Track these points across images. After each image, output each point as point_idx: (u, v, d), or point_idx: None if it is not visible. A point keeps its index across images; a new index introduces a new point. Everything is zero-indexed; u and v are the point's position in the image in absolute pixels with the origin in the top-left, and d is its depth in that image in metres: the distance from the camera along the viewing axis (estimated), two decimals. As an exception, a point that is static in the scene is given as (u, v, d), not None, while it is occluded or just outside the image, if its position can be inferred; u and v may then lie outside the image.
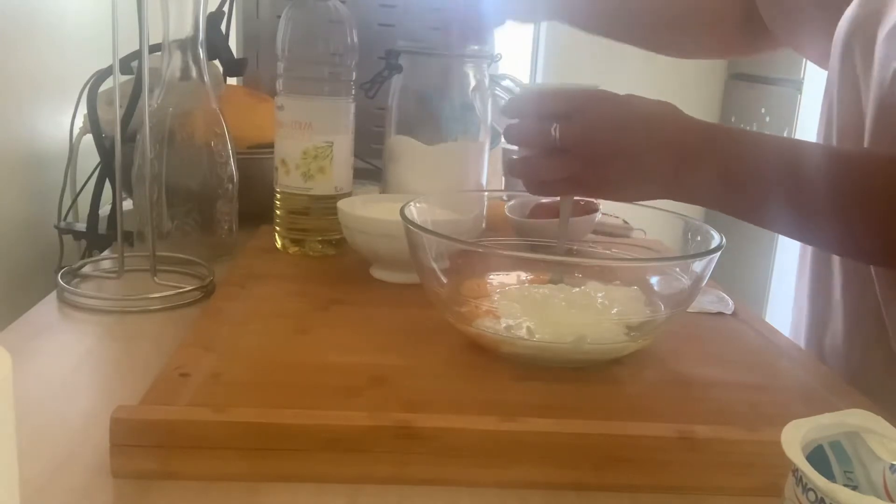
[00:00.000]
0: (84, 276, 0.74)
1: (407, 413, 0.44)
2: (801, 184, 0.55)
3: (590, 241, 0.81)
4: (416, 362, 0.54)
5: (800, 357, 0.63)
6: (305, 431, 0.42)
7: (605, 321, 0.57)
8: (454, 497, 0.42)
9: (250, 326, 0.59)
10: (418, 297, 0.60)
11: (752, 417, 0.50)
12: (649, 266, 0.67)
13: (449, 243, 0.57)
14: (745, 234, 2.45)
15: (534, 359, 0.55)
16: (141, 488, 0.41)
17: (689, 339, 0.63)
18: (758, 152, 0.57)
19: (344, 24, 0.76)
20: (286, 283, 0.71)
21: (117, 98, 0.68)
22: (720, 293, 0.73)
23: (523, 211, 0.83)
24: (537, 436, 0.43)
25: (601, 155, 0.58)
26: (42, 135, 1.02)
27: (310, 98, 0.76)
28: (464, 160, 0.85)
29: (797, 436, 0.32)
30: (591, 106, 0.59)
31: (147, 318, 0.65)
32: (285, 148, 0.77)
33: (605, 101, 0.60)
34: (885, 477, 0.33)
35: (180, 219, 0.78)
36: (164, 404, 0.45)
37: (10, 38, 0.94)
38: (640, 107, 0.59)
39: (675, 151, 0.57)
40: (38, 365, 0.55)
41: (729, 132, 0.59)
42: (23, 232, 0.96)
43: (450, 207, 0.71)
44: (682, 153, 0.57)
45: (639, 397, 0.53)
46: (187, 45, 0.76)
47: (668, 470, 0.44)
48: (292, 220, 0.79)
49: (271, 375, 0.51)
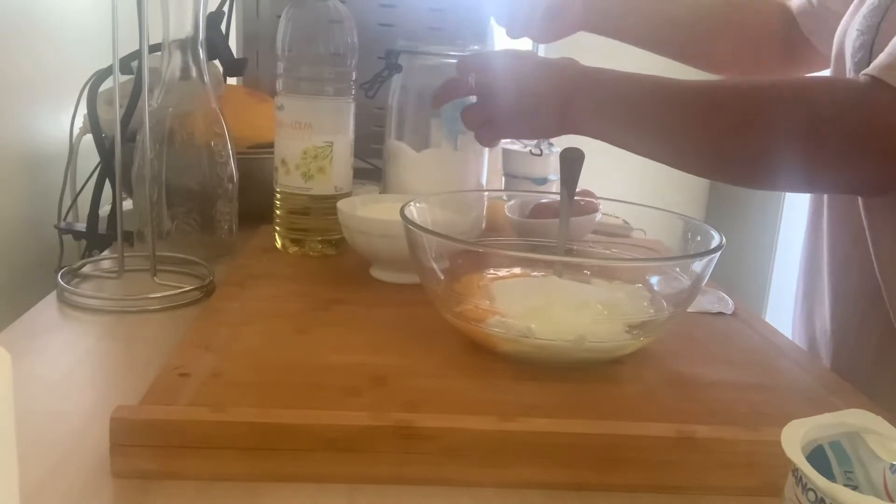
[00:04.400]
0: (84, 276, 0.74)
1: (407, 413, 0.44)
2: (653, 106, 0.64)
3: (590, 241, 0.81)
4: (416, 362, 0.54)
5: (800, 357, 0.63)
6: (305, 431, 0.42)
7: (606, 320, 0.57)
8: (454, 497, 0.42)
9: (250, 326, 0.59)
10: (418, 297, 0.60)
11: (752, 417, 0.50)
12: (649, 266, 0.67)
13: (449, 243, 0.57)
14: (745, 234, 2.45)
15: (534, 358, 0.55)
16: (141, 488, 0.41)
17: (689, 339, 0.63)
18: (619, 82, 0.67)
19: (344, 24, 0.76)
20: (286, 283, 0.71)
21: (117, 98, 0.68)
22: (720, 293, 0.73)
23: (523, 211, 0.83)
24: (537, 436, 0.43)
25: (507, 100, 0.70)
26: (42, 135, 1.02)
27: (310, 98, 0.76)
28: (463, 164, 0.85)
29: (797, 436, 0.32)
30: (500, 62, 0.72)
31: (147, 318, 0.65)
32: (285, 148, 0.77)
33: (511, 56, 0.73)
34: (885, 477, 0.33)
35: (180, 219, 0.78)
36: (164, 404, 0.45)
37: (10, 38, 0.94)
38: (540, 59, 0.72)
39: (562, 92, 0.68)
40: (38, 365, 0.55)
41: (600, 70, 0.68)
42: (23, 232, 0.96)
43: (450, 207, 0.71)
44: (567, 92, 0.68)
45: (639, 397, 0.53)
46: (187, 45, 0.76)
47: (668, 470, 0.44)
48: (292, 220, 0.79)
49: (271, 375, 0.51)
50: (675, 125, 0.63)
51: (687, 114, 0.62)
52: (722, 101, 0.61)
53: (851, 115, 0.54)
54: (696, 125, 0.62)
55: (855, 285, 0.69)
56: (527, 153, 1.01)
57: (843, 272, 0.71)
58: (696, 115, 0.62)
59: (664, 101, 0.64)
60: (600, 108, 0.67)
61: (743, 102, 0.59)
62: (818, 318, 0.74)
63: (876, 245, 0.64)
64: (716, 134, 0.60)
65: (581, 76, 0.68)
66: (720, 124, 0.60)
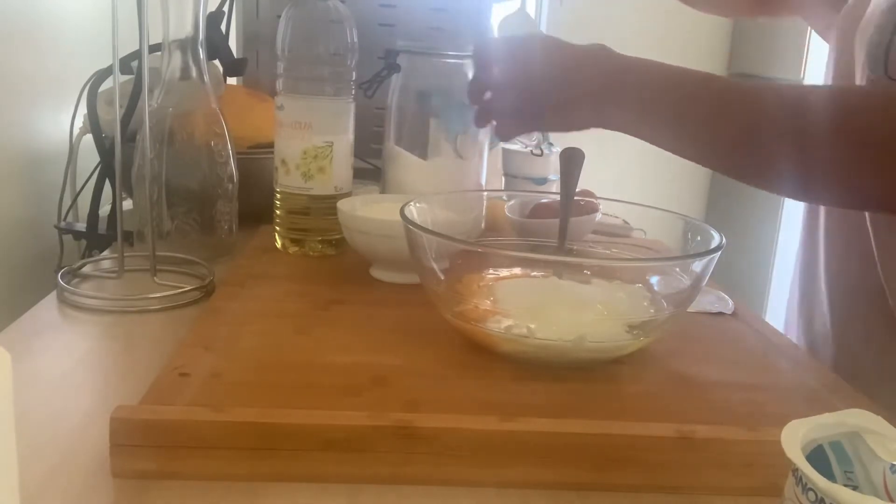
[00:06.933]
0: (84, 276, 0.74)
1: (407, 413, 0.44)
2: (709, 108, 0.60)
3: (590, 241, 0.81)
4: (416, 362, 0.54)
5: (800, 357, 0.63)
6: (305, 431, 0.42)
7: (606, 320, 0.57)
8: (454, 497, 0.42)
9: (250, 326, 0.59)
10: (418, 297, 0.60)
11: (752, 417, 0.50)
12: (650, 266, 0.67)
13: (449, 243, 0.57)
14: (745, 233, 2.46)
15: (534, 358, 0.55)
16: (141, 488, 0.41)
17: (689, 339, 0.63)
18: (666, 80, 0.63)
19: (344, 24, 0.76)
20: (286, 283, 0.71)
21: (117, 98, 0.68)
22: (720, 293, 0.73)
23: (523, 211, 0.83)
24: (537, 436, 0.43)
25: (537, 90, 0.66)
26: (42, 135, 1.02)
27: (310, 98, 0.76)
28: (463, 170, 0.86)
29: (797, 436, 0.32)
30: (528, 50, 0.67)
31: (147, 318, 0.65)
32: (285, 148, 0.77)
33: (540, 44, 0.68)
34: (885, 477, 0.33)
35: (180, 219, 0.78)
36: (164, 404, 0.45)
37: (10, 38, 0.94)
38: (571, 47, 0.66)
39: (602, 87, 0.64)
40: (38, 365, 0.55)
41: (643, 63, 0.64)
42: (23, 232, 0.96)
43: (450, 207, 0.71)
44: (608, 88, 0.64)
45: (639, 397, 0.53)
46: (187, 45, 0.76)
47: (668, 470, 0.44)
48: (292, 220, 0.79)
49: (271, 375, 0.51)
50: (725, 131, 0.60)
51: (735, 121, 0.59)
52: (764, 107, 0.59)
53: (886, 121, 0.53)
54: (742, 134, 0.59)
55: (854, 284, 0.69)
56: (527, 153, 1.01)
57: (840, 272, 0.71)
58: (743, 122, 0.59)
59: (714, 104, 0.60)
60: (646, 109, 0.63)
61: (785, 110, 0.57)
62: (818, 318, 0.74)
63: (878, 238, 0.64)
64: (758, 143, 0.58)
65: (622, 71, 0.64)
66: (763, 134, 0.58)
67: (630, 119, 0.64)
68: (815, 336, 0.75)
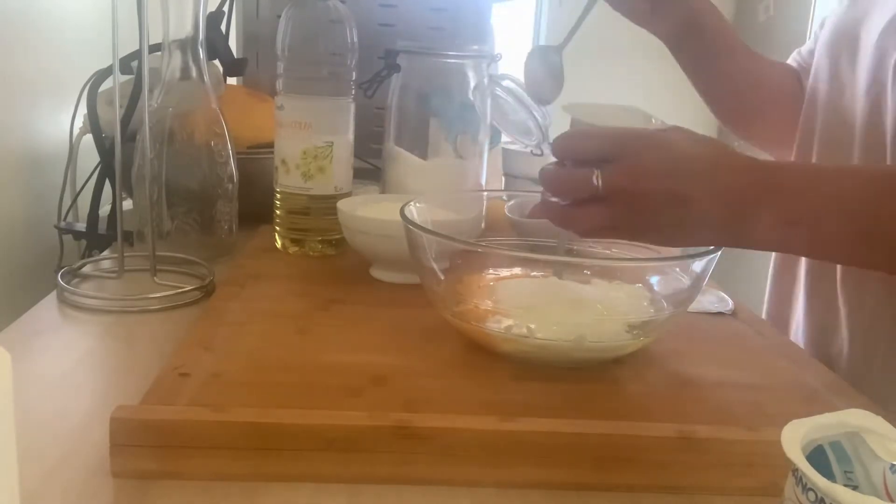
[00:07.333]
0: (84, 276, 0.74)
1: (407, 413, 0.44)
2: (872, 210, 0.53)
3: (590, 241, 0.81)
4: (416, 362, 0.54)
5: (800, 357, 0.63)
6: (305, 431, 0.42)
7: (606, 320, 0.57)
8: (454, 497, 0.42)
9: (250, 326, 0.59)
10: (418, 297, 0.60)
11: (752, 417, 0.50)
12: (650, 266, 0.67)
13: (448, 243, 0.57)
14: (745, 234, 2.45)
15: (534, 358, 0.55)
16: (141, 488, 0.41)
17: (689, 339, 0.63)
18: (818, 185, 0.54)
19: (344, 24, 0.76)
20: (286, 283, 0.71)
21: (117, 98, 0.68)
22: (720, 293, 0.73)
23: (523, 211, 0.82)
24: (537, 436, 0.43)
25: (649, 203, 0.53)
26: (42, 135, 1.02)
27: (310, 98, 0.76)
28: (464, 171, 0.86)
29: (797, 436, 0.32)
30: (635, 150, 0.53)
31: (147, 318, 0.65)
32: (285, 148, 0.77)
33: (650, 143, 0.54)
34: (886, 477, 0.33)
35: (180, 219, 0.78)
36: (164, 404, 0.45)
37: (10, 38, 0.94)
38: (687, 149, 0.54)
39: (730, 198, 0.53)
40: (38, 365, 0.55)
41: (782, 169, 0.55)
42: (23, 232, 0.96)
43: (450, 207, 0.71)
44: (739, 198, 0.53)
45: (639, 397, 0.53)
46: (187, 45, 0.76)
47: (668, 470, 0.44)
48: (292, 220, 0.79)
49: (271, 375, 0.51)
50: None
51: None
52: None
53: None
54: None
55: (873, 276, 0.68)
56: (527, 153, 1.01)
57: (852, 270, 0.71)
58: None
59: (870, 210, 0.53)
60: (796, 224, 0.53)
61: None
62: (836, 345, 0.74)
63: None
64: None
65: (759, 185, 0.53)
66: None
67: (776, 238, 0.54)
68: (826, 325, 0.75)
